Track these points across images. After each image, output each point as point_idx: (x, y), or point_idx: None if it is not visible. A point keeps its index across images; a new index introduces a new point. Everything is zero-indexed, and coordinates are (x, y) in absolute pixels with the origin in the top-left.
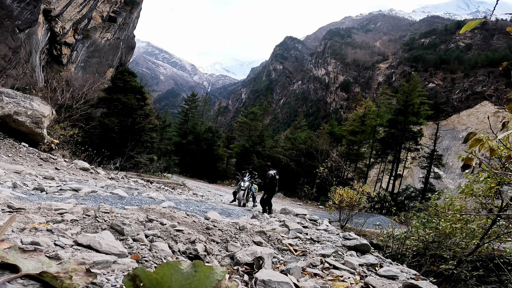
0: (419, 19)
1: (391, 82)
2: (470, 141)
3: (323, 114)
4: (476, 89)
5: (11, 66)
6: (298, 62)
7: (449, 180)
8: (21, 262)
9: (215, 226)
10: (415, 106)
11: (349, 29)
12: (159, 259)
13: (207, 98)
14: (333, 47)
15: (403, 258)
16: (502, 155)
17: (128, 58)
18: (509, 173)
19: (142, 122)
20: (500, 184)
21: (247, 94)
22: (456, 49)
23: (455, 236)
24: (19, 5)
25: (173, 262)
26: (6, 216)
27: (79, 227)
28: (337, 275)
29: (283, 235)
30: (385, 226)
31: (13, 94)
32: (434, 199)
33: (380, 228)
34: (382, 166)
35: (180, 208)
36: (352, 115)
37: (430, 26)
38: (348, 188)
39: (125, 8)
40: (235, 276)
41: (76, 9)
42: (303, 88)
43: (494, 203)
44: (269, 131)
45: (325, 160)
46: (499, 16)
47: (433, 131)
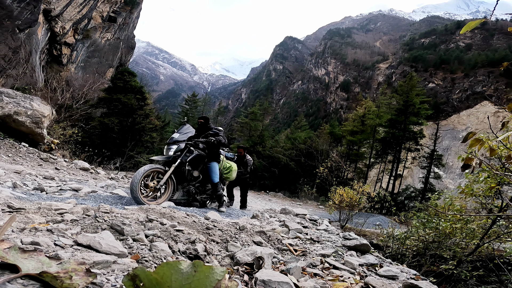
0: (419, 19)
1: (391, 82)
2: (469, 141)
3: (323, 114)
4: (476, 89)
5: (11, 66)
6: (298, 62)
7: (449, 180)
8: (21, 262)
9: (215, 226)
10: (415, 106)
11: (349, 29)
12: (159, 259)
13: (207, 98)
14: (333, 47)
15: (403, 258)
16: (502, 155)
17: (128, 58)
18: (508, 174)
19: (142, 122)
20: (500, 184)
21: (247, 94)
22: (456, 49)
23: (455, 236)
24: (19, 5)
25: (173, 262)
26: (6, 216)
27: (79, 227)
28: (337, 275)
29: (283, 235)
30: (385, 226)
31: (13, 94)
32: (434, 199)
33: (380, 228)
34: (382, 166)
35: (180, 208)
36: (352, 115)
37: (430, 26)
38: (348, 188)
39: (125, 8)
40: (235, 276)
41: (76, 9)
42: (303, 88)
43: (494, 203)
44: (269, 131)
45: (325, 160)
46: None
47: (433, 131)
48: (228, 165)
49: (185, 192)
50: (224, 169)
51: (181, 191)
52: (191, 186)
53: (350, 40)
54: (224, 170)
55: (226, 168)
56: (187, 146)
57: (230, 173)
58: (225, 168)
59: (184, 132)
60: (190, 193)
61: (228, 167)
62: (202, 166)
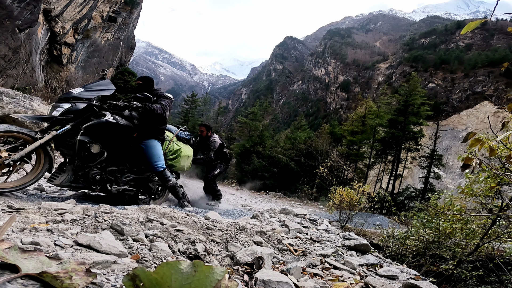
0: (419, 19)
1: (391, 82)
2: (470, 140)
3: (323, 114)
4: (476, 89)
5: (11, 66)
6: (298, 62)
7: (449, 180)
8: (21, 262)
9: (215, 226)
10: (415, 106)
11: (349, 29)
12: (159, 259)
13: (207, 98)
14: (333, 47)
15: (403, 258)
16: (502, 155)
17: (128, 58)
18: (508, 174)
19: None
20: (500, 184)
21: (247, 94)
22: (456, 49)
23: (455, 236)
24: (19, 5)
25: (173, 262)
26: (6, 216)
27: (79, 227)
28: (337, 275)
29: (283, 235)
30: (385, 226)
31: (13, 94)
32: (434, 199)
33: (380, 228)
34: (382, 166)
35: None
36: (352, 115)
37: (430, 26)
38: (348, 188)
39: (125, 8)
40: (235, 276)
41: (76, 9)
42: (303, 88)
43: (494, 203)
44: (269, 131)
45: (325, 160)
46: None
47: (433, 131)
48: (176, 147)
49: (81, 176)
50: (170, 153)
51: (70, 173)
52: (94, 170)
53: (350, 40)
54: (169, 154)
55: (172, 152)
56: (91, 106)
57: (177, 160)
58: (170, 152)
59: (94, 88)
60: (91, 179)
61: (175, 151)
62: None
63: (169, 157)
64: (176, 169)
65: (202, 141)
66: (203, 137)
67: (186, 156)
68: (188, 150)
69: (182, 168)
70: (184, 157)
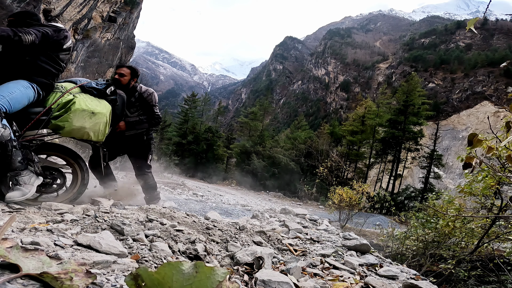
0: (419, 19)
1: (391, 82)
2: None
3: (323, 114)
4: (476, 89)
5: None
6: (298, 62)
7: (449, 180)
8: (22, 262)
9: (215, 226)
10: (415, 106)
11: (349, 29)
12: (159, 259)
13: (207, 98)
14: (333, 47)
15: (403, 258)
16: (502, 155)
17: (128, 58)
18: (508, 174)
19: None
20: (500, 184)
21: (247, 94)
22: (456, 49)
23: (455, 235)
24: (19, 5)
25: (174, 262)
26: (6, 216)
27: (79, 227)
28: (337, 275)
29: (283, 235)
30: (385, 226)
31: None
32: (432, 199)
33: (380, 228)
34: (382, 166)
35: (180, 208)
36: (352, 115)
37: (430, 26)
38: (348, 188)
39: (125, 8)
40: (235, 276)
41: (76, 9)
42: (303, 88)
43: (492, 201)
44: (269, 131)
45: (325, 160)
46: (499, 16)
47: (433, 131)
48: (68, 99)
49: None
50: (57, 107)
51: None
52: None
53: (350, 40)
54: (55, 110)
55: (60, 106)
56: None
57: (66, 117)
58: (58, 106)
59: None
60: None
61: (64, 103)
62: None
63: (54, 114)
64: (67, 132)
65: (126, 93)
66: (122, 86)
67: (83, 111)
68: (90, 102)
69: (79, 132)
70: (78, 112)
